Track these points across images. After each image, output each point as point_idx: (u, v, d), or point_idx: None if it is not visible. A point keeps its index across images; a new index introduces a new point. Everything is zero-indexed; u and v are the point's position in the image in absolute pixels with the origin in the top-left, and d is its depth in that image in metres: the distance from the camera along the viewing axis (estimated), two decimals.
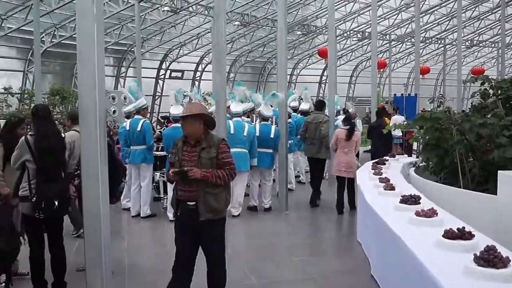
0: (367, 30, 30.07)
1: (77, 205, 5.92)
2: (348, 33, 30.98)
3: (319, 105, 10.81)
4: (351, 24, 30.62)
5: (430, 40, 34.00)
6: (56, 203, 5.00)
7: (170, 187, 7.40)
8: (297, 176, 12.34)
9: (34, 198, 4.95)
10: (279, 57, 9.81)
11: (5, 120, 6.10)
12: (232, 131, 8.70)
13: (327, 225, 8.88)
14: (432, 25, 32.82)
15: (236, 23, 25.43)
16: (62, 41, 20.93)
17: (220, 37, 6.59)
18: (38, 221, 5.04)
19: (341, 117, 13.04)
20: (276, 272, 6.15)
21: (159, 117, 21.47)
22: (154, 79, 27.81)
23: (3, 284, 5.03)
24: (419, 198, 4.97)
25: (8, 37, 19.51)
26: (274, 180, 10.34)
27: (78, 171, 5.60)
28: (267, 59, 32.99)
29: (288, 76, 28.41)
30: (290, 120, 10.70)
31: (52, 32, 20.57)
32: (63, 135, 5.59)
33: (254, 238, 7.96)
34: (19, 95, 18.07)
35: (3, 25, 18.45)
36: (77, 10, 4.17)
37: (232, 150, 7.93)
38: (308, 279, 5.93)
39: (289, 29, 24.92)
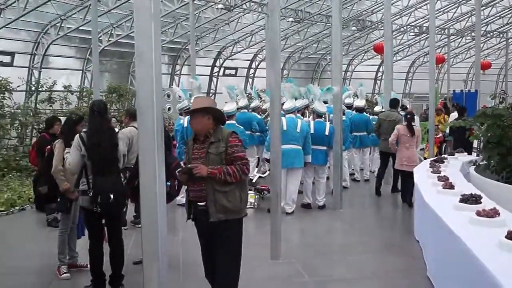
0: (424, 25, 29.27)
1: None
2: (404, 27, 30.27)
3: (393, 103, 11.20)
4: (408, 19, 29.87)
5: (491, 34, 32.71)
6: (112, 196, 5.11)
7: None
8: (351, 174, 12.21)
9: (91, 192, 5.10)
10: (334, 53, 9.70)
11: (65, 117, 6.32)
12: (285, 128, 8.59)
13: (382, 223, 8.75)
14: (494, 18, 31.61)
15: (290, 19, 25.31)
16: (119, 40, 21.47)
17: (274, 34, 6.56)
18: (96, 214, 5.19)
19: None
20: (330, 271, 6.11)
21: None
22: (208, 77, 28.09)
23: None
24: (480, 197, 4.80)
25: (68, 37, 20.12)
26: (328, 178, 10.25)
27: (131, 166, 5.74)
28: (321, 56, 32.68)
29: (343, 73, 28.09)
30: (344, 117, 10.59)
31: (109, 32, 21.11)
32: (117, 129, 5.71)
33: (307, 236, 7.93)
34: (78, 93, 18.61)
35: (62, 25, 19.07)
36: (135, 9, 4.25)
37: (285, 146, 8.08)
38: (362, 278, 5.85)
39: (344, 25, 24.54)
